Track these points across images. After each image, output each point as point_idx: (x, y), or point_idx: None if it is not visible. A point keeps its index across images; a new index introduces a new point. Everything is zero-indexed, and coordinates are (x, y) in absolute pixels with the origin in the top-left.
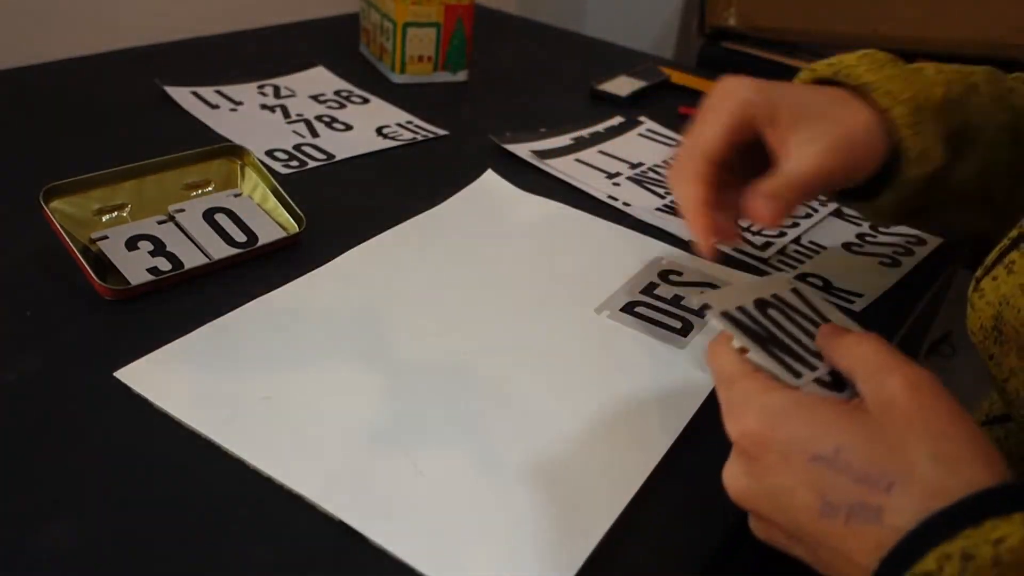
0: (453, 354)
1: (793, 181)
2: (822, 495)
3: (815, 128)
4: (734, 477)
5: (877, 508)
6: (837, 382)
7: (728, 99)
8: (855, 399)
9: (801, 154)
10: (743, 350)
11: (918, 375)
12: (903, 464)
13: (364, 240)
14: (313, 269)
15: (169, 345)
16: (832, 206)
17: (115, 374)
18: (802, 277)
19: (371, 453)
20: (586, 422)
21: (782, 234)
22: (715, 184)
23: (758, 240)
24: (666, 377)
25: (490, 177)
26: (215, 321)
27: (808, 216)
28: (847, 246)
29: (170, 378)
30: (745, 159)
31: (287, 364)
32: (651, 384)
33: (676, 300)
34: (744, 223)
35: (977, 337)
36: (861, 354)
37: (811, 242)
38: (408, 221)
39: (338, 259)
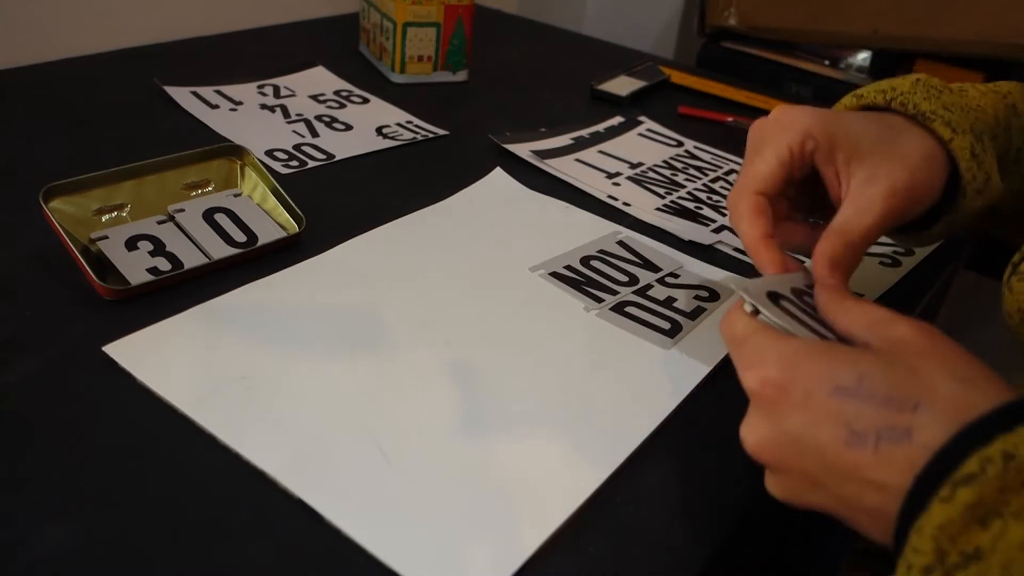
0: (437, 345)
1: (854, 239)
2: (848, 425)
3: (875, 167)
4: (753, 429)
5: (906, 428)
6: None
7: (786, 130)
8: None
9: (861, 202)
10: (755, 312)
11: (921, 322)
12: (926, 385)
13: None
14: None
15: (158, 324)
16: None
17: (103, 348)
18: None
19: (339, 437)
20: (557, 417)
21: None
22: (771, 216)
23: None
24: (647, 377)
25: (498, 175)
26: (206, 303)
27: None
28: None
29: (155, 355)
30: (804, 189)
31: (270, 347)
32: (631, 383)
33: (669, 302)
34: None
35: (1014, 320)
36: (861, 311)
37: None
38: (412, 214)
39: (337, 248)
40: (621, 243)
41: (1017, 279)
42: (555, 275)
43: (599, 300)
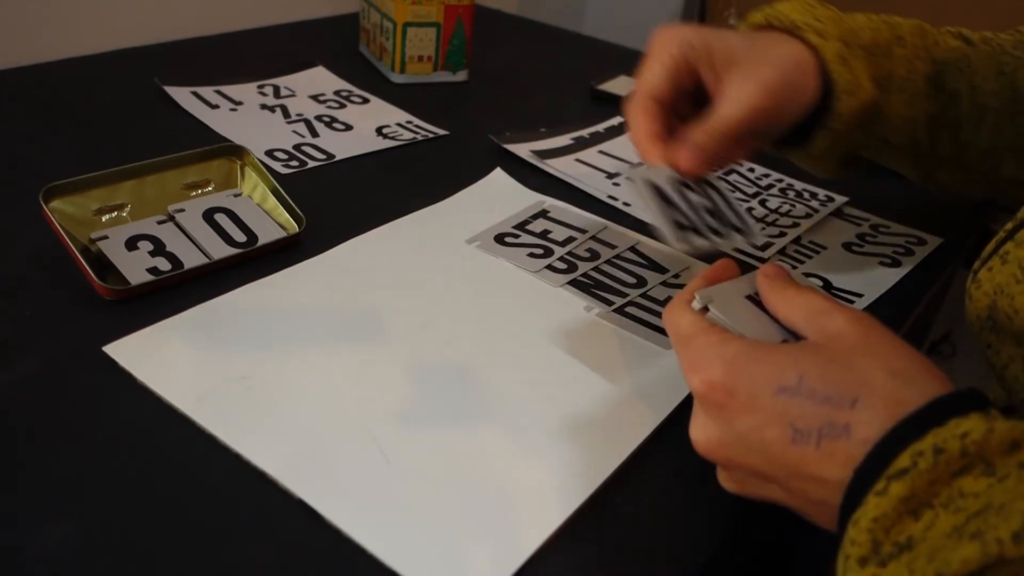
0: (437, 345)
1: (719, 127)
2: (791, 424)
3: (747, 69)
4: (702, 429)
5: (845, 425)
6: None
7: (667, 43)
8: (803, 340)
9: (732, 97)
10: (703, 309)
11: (858, 313)
12: (862, 381)
13: None
14: None
15: (158, 324)
16: (832, 206)
17: (103, 348)
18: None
19: (339, 437)
20: (557, 417)
21: (782, 234)
22: (663, 120)
23: (758, 240)
24: (646, 376)
25: (498, 175)
26: (206, 303)
27: (808, 216)
28: (847, 246)
29: (155, 355)
30: (697, 108)
31: (270, 347)
32: (631, 383)
33: (668, 302)
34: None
35: (975, 327)
36: (801, 301)
37: (811, 242)
38: (412, 214)
39: (337, 248)
40: (633, 249)
41: (975, 286)
42: (548, 268)
43: (609, 303)
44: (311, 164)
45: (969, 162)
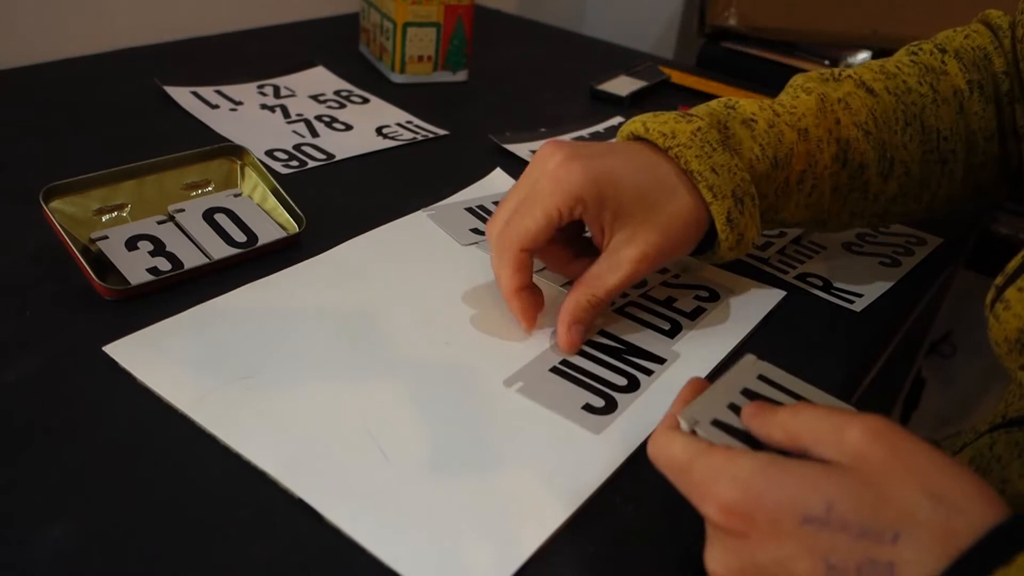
0: (437, 344)
1: (600, 295)
2: (824, 559)
3: (635, 230)
4: (719, 561)
5: (888, 564)
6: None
7: (558, 191)
8: (822, 461)
9: (613, 262)
10: (693, 432)
11: (874, 421)
12: (902, 510)
13: None
14: None
15: (158, 324)
16: None
17: (103, 348)
18: (802, 277)
19: (339, 437)
20: (557, 417)
21: (782, 234)
22: (530, 269)
23: (758, 240)
24: (646, 376)
25: (498, 175)
26: (206, 303)
27: None
28: (847, 246)
29: (155, 355)
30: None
31: (270, 347)
32: (631, 383)
33: (669, 302)
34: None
35: (1002, 349)
36: (801, 423)
37: (811, 242)
38: (412, 214)
39: (337, 248)
40: None
41: (1003, 306)
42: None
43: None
44: (311, 164)
45: (878, 209)
